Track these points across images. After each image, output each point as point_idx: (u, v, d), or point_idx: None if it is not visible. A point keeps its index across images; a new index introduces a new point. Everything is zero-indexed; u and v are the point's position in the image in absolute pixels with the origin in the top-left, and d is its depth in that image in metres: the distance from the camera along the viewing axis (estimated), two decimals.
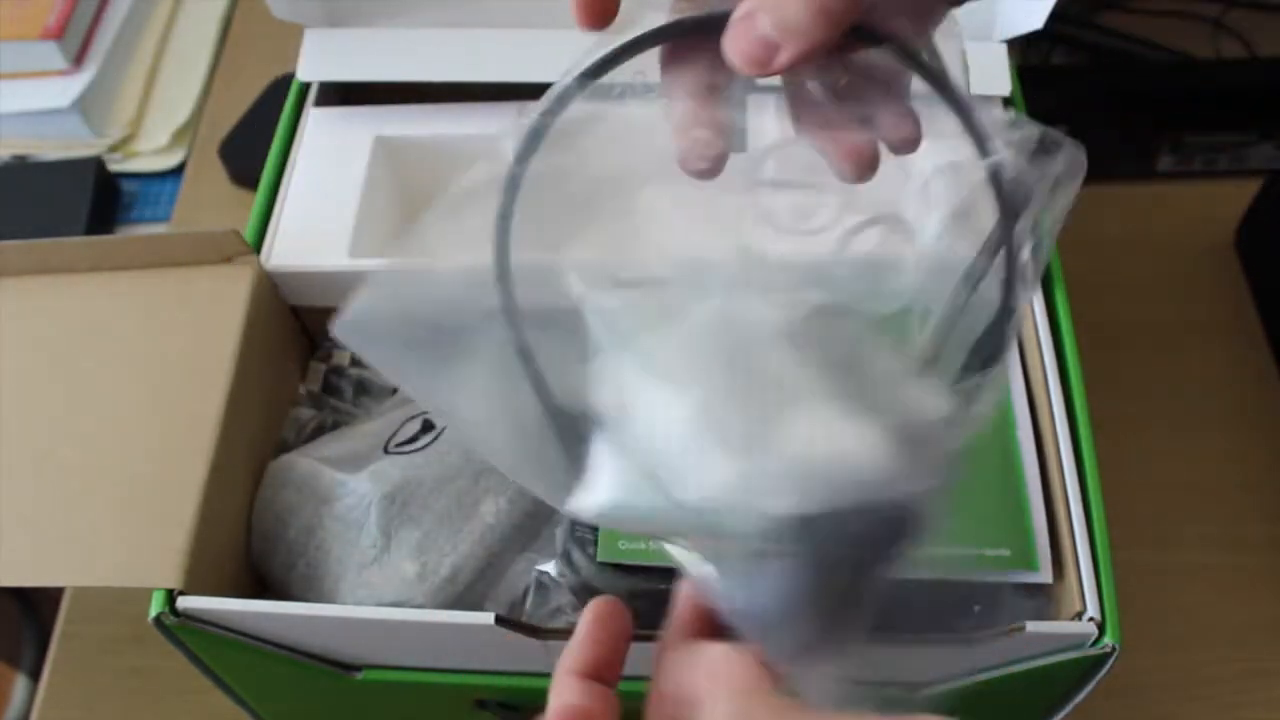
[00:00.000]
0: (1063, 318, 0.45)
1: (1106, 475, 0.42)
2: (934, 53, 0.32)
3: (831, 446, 0.28)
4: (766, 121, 0.53)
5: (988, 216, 0.32)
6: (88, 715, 0.56)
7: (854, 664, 0.29)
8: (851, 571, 0.29)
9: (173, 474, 0.42)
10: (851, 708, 0.27)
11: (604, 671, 0.31)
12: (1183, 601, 0.56)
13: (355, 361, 0.53)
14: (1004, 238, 0.32)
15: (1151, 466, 0.60)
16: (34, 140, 0.77)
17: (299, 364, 0.53)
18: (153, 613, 0.40)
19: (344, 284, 0.50)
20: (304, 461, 0.46)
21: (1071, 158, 0.31)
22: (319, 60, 0.54)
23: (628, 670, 0.42)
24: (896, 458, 0.27)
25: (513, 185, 0.30)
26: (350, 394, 0.53)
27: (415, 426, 0.47)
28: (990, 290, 0.32)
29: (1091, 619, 0.38)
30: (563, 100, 0.31)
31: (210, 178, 0.75)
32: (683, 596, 0.32)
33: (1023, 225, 0.32)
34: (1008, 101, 0.52)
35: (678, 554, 0.31)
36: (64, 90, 0.75)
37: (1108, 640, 0.38)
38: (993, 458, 0.44)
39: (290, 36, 0.55)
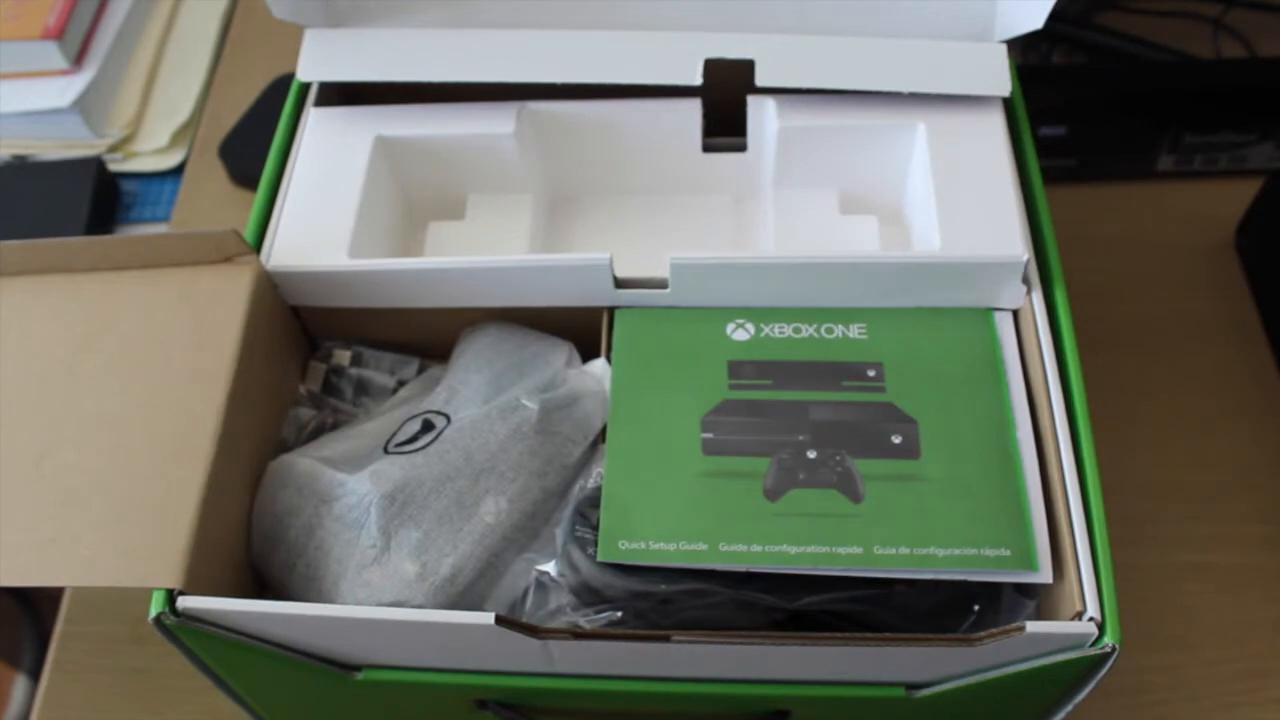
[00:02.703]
0: (1062, 317, 0.45)
1: (1107, 475, 0.42)
2: None
3: None
4: (766, 122, 0.54)
5: None
6: (88, 715, 0.56)
7: None
8: None
9: (173, 474, 0.42)
10: None
11: None
12: (1183, 601, 0.56)
13: (355, 361, 0.54)
14: None
15: (1152, 466, 0.60)
16: (34, 140, 0.77)
17: (299, 364, 0.53)
18: (153, 613, 0.40)
19: (344, 284, 0.50)
20: (304, 461, 0.46)
21: None
22: (319, 60, 0.54)
23: (627, 669, 0.42)
24: None
25: None
26: (350, 394, 0.53)
27: (415, 426, 0.47)
28: None
29: (1091, 619, 0.38)
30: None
31: (210, 178, 0.75)
32: None
33: None
34: (1008, 102, 0.52)
35: None
36: (64, 90, 0.75)
37: (1108, 640, 0.38)
38: (993, 458, 0.44)
39: (290, 36, 0.55)
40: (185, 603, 0.40)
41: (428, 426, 0.47)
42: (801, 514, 0.42)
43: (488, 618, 0.39)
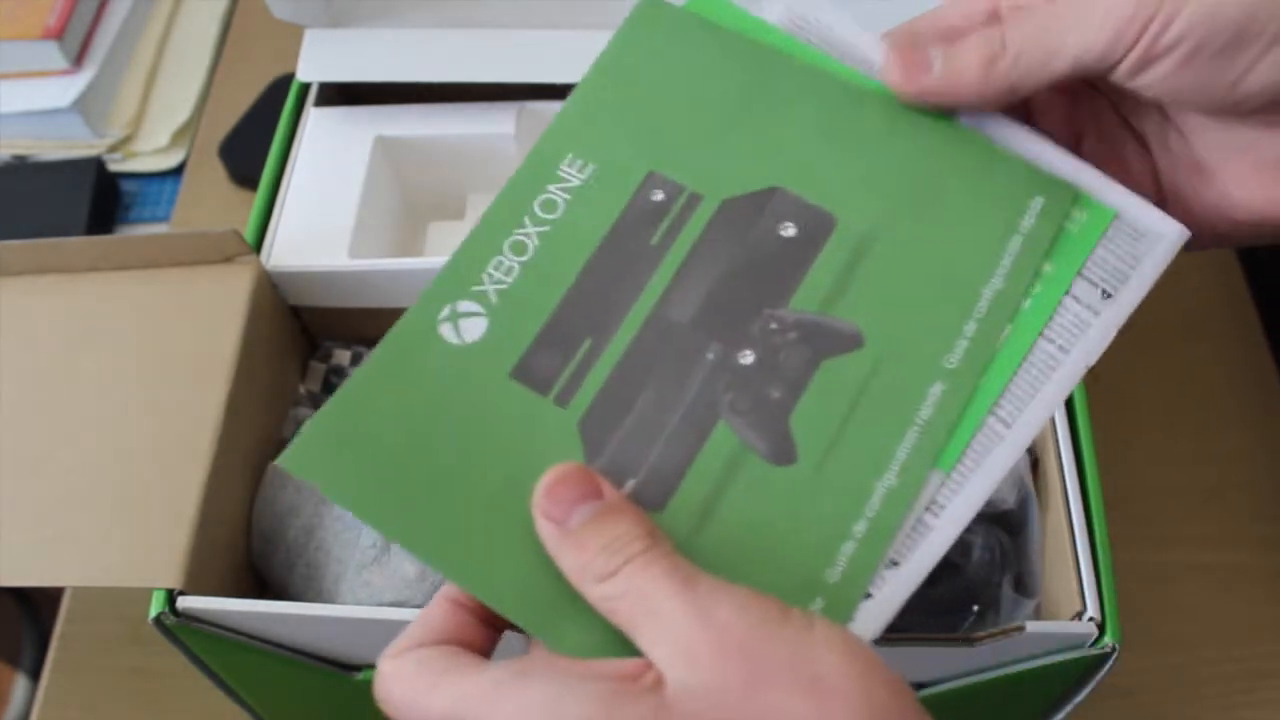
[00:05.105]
0: None
1: (1106, 475, 0.42)
2: None
3: None
4: None
5: None
6: (88, 715, 0.56)
7: None
8: None
9: (173, 474, 0.42)
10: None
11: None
12: (1183, 601, 0.56)
13: (355, 361, 0.54)
14: None
15: (1151, 466, 0.60)
16: (34, 140, 0.77)
17: (299, 364, 0.53)
18: (153, 613, 0.40)
19: (344, 284, 0.50)
20: None
21: None
22: (319, 60, 0.54)
23: None
24: None
25: None
26: None
27: None
28: None
29: (1091, 619, 0.38)
30: None
31: (210, 178, 0.75)
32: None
33: None
34: None
35: None
36: (64, 90, 0.75)
37: (1108, 640, 0.38)
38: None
39: (290, 36, 0.55)
40: (185, 603, 0.40)
41: None
42: None
43: None
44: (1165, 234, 0.31)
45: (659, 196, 0.31)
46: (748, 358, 0.30)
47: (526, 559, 0.27)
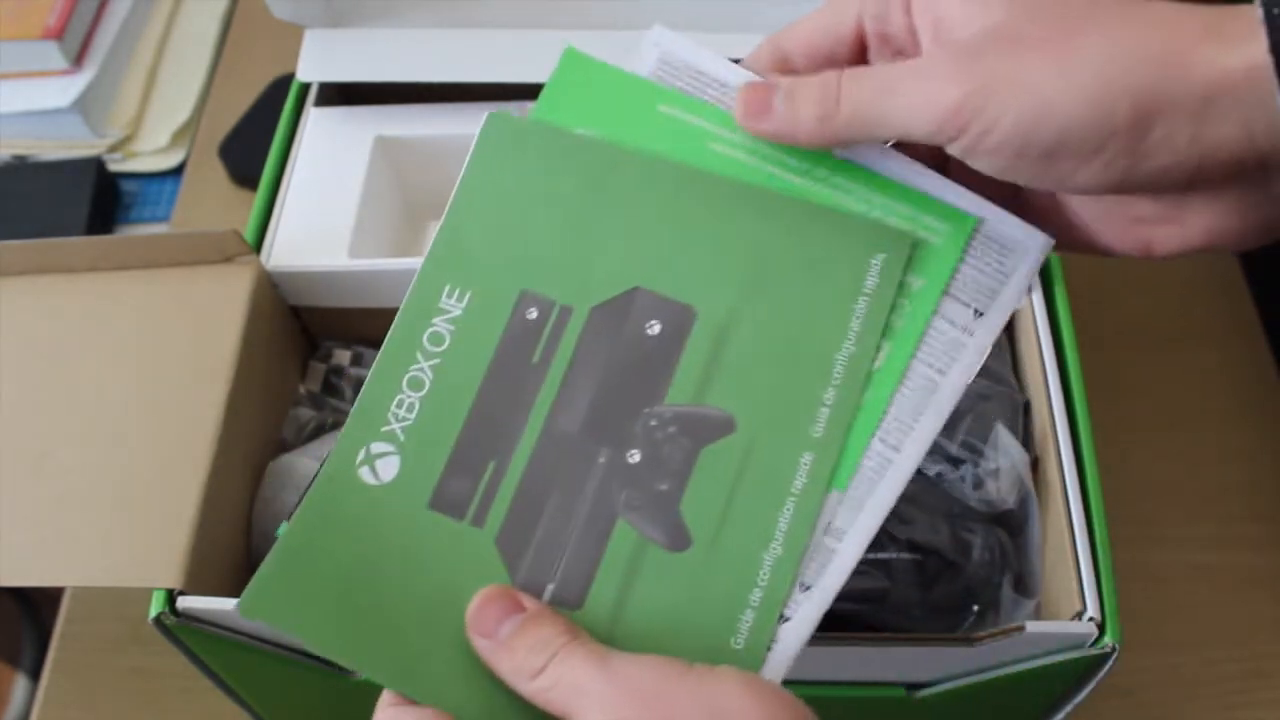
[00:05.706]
0: (1063, 318, 0.45)
1: (1107, 475, 0.42)
2: None
3: None
4: None
5: None
6: (88, 715, 0.56)
7: None
8: None
9: (173, 474, 0.42)
10: None
11: None
12: (1183, 601, 0.56)
13: (355, 361, 0.54)
14: None
15: (1152, 466, 0.60)
16: (34, 140, 0.77)
17: (299, 364, 0.53)
18: (153, 613, 0.40)
19: (344, 284, 0.50)
20: (304, 462, 0.46)
21: None
22: (319, 60, 0.54)
23: None
24: None
25: None
26: (350, 394, 0.53)
27: None
28: None
29: (1091, 619, 0.38)
30: None
31: (210, 178, 0.75)
32: None
33: None
34: None
35: None
36: (64, 90, 0.75)
37: (1108, 640, 0.38)
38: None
39: (290, 36, 0.55)
40: (185, 603, 0.40)
41: None
42: None
43: None
44: (1031, 246, 0.32)
45: (533, 315, 0.33)
46: (635, 456, 0.32)
47: (471, 671, 0.30)
